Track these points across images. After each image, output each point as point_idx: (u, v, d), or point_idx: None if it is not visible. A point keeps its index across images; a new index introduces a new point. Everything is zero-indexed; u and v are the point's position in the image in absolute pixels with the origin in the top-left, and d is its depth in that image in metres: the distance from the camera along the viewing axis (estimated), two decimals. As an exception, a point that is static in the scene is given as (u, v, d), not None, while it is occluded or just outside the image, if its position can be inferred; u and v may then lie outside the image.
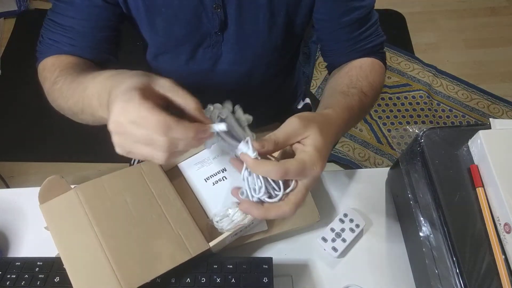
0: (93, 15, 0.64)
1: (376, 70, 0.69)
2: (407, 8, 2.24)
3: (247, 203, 0.45)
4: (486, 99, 1.91)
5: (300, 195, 0.45)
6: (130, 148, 0.42)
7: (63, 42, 0.65)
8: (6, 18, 2.13)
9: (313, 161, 0.44)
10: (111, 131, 0.42)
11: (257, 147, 0.43)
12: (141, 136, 0.40)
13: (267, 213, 0.45)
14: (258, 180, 0.45)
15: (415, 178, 0.59)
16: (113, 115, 0.41)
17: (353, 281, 0.63)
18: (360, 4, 0.67)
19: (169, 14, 0.66)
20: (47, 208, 0.58)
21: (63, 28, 0.65)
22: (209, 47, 0.72)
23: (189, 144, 0.41)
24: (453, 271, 0.50)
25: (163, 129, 0.39)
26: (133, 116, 0.40)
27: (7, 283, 0.57)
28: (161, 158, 0.41)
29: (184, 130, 0.40)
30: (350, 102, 0.59)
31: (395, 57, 2.04)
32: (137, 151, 0.42)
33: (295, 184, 0.45)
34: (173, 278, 0.57)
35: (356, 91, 0.62)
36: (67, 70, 0.62)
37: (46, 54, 0.66)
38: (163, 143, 0.40)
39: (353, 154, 1.74)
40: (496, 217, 0.52)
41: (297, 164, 0.43)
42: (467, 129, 0.60)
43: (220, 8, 0.65)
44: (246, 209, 0.45)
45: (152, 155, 0.41)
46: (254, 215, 0.45)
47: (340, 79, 0.68)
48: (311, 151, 0.44)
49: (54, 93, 0.61)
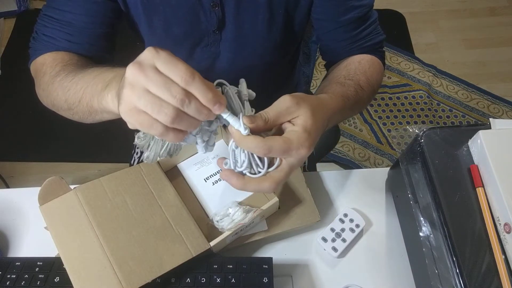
0: (91, 10, 0.64)
1: (374, 67, 0.69)
2: (407, 8, 2.24)
3: (229, 171, 0.45)
4: (486, 99, 1.91)
5: (283, 174, 0.45)
6: (136, 101, 0.39)
7: (59, 38, 0.64)
8: (6, 18, 2.13)
9: (300, 142, 0.43)
10: (126, 77, 0.39)
11: (247, 123, 0.43)
12: (158, 82, 0.38)
13: (246, 185, 0.45)
14: (242, 154, 0.45)
15: (415, 178, 0.59)
16: (139, 58, 0.39)
17: (353, 281, 0.63)
18: (359, 3, 0.67)
19: (167, 12, 0.66)
20: (47, 209, 0.58)
21: (60, 23, 0.64)
22: (207, 46, 0.72)
23: (198, 111, 0.39)
24: (453, 271, 0.50)
25: (187, 77, 0.38)
26: (162, 57, 0.38)
27: (7, 283, 0.57)
28: (160, 124, 0.39)
29: (206, 87, 0.39)
30: (346, 91, 0.59)
31: (395, 57, 2.04)
32: (142, 106, 0.38)
33: (279, 162, 0.45)
34: (173, 278, 0.57)
35: (353, 83, 0.62)
36: (70, 66, 0.61)
37: (41, 51, 0.65)
38: (178, 96, 0.38)
39: (353, 154, 1.74)
40: (496, 217, 0.52)
41: (282, 143, 0.43)
42: (467, 129, 0.60)
43: (218, 7, 0.65)
44: (226, 177, 0.45)
45: (155, 116, 0.38)
46: (232, 184, 0.45)
47: (337, 71, 0.67)
48: (299, 131, 0.44)
49: (53, 85, 0.60)
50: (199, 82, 0.39)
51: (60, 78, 0.59)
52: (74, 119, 0.62)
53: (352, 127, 1.81)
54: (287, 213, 0.65)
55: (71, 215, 0.58)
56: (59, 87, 0.59)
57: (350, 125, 1.82)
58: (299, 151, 0.44)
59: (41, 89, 0.63)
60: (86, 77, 0.55)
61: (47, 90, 0.62)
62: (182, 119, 0.39)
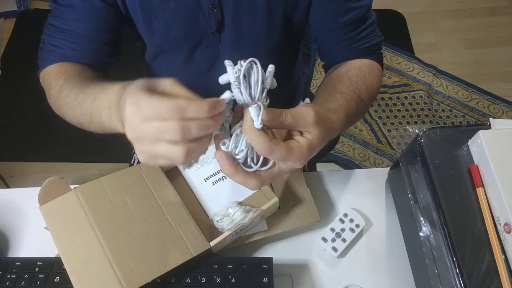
0: (93, 17, 0.64)
1: (374, 73, 0.69)
2: (407, 8, 2.24)
3: (224, 153, 0.44)
4: (486, 99, 1.91)
5: (271, 176, 0.46)
6: (150, 151, 0.40)
7: (65, 47, 0.65)
8: (6, 18, 2.13)
9: (300, 156, 0.44)
10: (130, 139, 0.41)
11: (265, 118, 0.42)
12: (155, 131, 0.38)
13: (235, 174, 0.44)
14: (244, 143, 0.44)
15: (415, 178, 0.59)
16: (126, 119, 0.40)
17: (353, 281, 0.63)
18: (357, 4, 0.67)
19: (166, 15, 0.66)
20: (47, 209, 0.58)
21: (64, 32, 0.65)
22: (206, 48, 0.72)
23: (205, 125, 0.39)
24: (453, 271, 0.50)
25: (176, 112, 0.38)
26: (145, 111, 0.38)
27: (7, 283, 0.57)
28: (179, 154, 0.39)
29: (197, 106, 0.38)
30: (349, 107, 0.59)
31: (395, 57, 2.04)
32: (157, 152, 0.40)
33: (271, 165, 0.46)
34: (173, 278, 0.57)
35: (355, 96, 0.62)
36: (72, 79, 0.62)
37: (49, 61, 0.66)
38: (177, 130, 0.38)
39: (353, 154, 1.74)
40: (496, 217, 0.52)
41: (285, 151, 0.43)
42: (467, 129, 0.60)
43: (217, 9, 0.65)
44: (220, 158, 0.44)
45: (170, 152, 0.39)
46: (223, 167, 0.44)
47: (339, 78, 0.67)
48: (304, 146, 0.44)
49: (59, 101, 0.61)
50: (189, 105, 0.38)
51: (64, 94, 0.60)
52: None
53: (352, 127, 1.81)
54: (287, 213, 0.65)
55: (71, 215, 0.58)
56: (66, 106, 0.60)
57: (350, 125, 1.82)
58: (294, 163, 0.44)
59: (51, 101, 0.65)
60: (88, 100, 0.55)
61: (56, 104, 0.63)
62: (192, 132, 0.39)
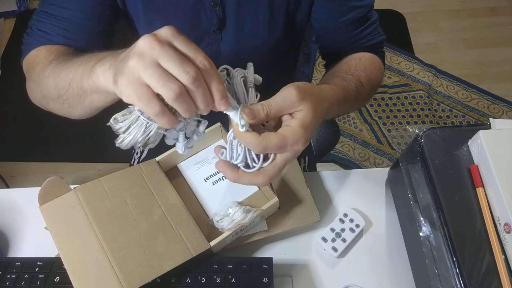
0: (89, 7, 0.63)
1: (375, 65, 0.69)
2: (407, 8, 2.24)
3: (224, 162, 0.45)
4: (486, 99, 1.91)
5: (277, 168, 0.45)
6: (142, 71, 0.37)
7: (54, 33, 0.63)
8: (6, 18, 2.13)
9: (296, 138, 0.43)
10: (137, 46, 0.38)
11: (248, 118, 0.42)
12: (173, 57, 0.36)
13: (240, 179, 0.45)
14: (239, 148, 0.45)
15: (415, 178, 0.59)
16: (155, 32, 0.38)
17: (353, 281, 0.63)
18: (359, 3, 0.67)
19: (167, 12, 0.66)
20: (47, 209, 0.58)
21: (56, 18, 0.63)
22: (207, 46, 0.71)
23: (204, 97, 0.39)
24: (453, 271, 0.50)
25: (207, 62, 0.38)
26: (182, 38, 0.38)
27: (7, 283, 0.57)
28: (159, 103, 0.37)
29: (221, 80, 0.40)
30: (347, 85, 0.59)
31: (395, 57, 2.04)
32: (147, 77, 0.37)
33: (273, 157, 0.45)
34: (173, 278, 0.57)
35: (354, 78, 0.62)
36: (66, 55, 0.60)
37: (34, 45, 0.63)
38: (191, 73, 0.36)
39: (353, 154, 1.74)
40: (496, 217, 0.52)
41: (277, 140, 0.42)
42: (467, 129, 0.60)
43: (219, 6, 0.65)
44: (221, 168, 0.45)
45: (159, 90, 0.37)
46: (227, 176, 0.45)
47: (338, 66, 0.68)
48: (296, 126, 0.44)
49: (44, 73, 0.58)
50: (216, 72, 0.39)
51: (53, 65, 0.58)
52: (63, 113, 0.60)
53: (352, 127, 1.81)
54: (287, 213, 0.65)
55: (71, 215, 0.58)
56: (50, 74, 0.57)
57: (350, 125, 1.82)
58: (294, 147, 0.44)
59: (32, 80, 0.61)
60: (81, 59, 0.52)
61: (37, 80, 0.60)
62: (183, 100, 0.38)
